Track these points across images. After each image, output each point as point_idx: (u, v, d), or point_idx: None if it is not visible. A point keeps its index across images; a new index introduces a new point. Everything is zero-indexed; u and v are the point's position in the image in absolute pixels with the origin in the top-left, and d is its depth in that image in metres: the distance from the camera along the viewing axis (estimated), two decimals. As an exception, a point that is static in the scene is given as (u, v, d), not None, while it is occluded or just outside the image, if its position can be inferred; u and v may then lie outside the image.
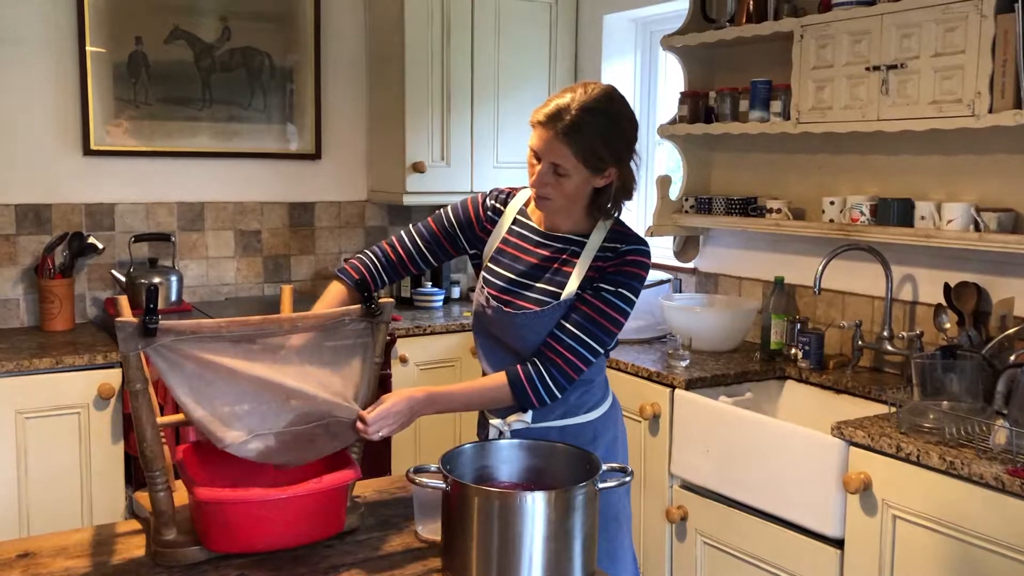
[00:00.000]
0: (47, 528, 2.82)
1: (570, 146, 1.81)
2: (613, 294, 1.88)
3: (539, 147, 1.84)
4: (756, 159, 3.34)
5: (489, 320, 1.97)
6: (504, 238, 2.01)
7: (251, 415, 1.63)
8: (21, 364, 2.88)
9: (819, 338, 2.94)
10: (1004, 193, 2.62)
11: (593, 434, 1.99)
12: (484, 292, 1.98)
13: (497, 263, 1.99)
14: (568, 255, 1.93)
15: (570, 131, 1.80)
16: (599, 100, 1.83)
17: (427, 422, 3.56)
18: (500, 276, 1.97)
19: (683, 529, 2.81)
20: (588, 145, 1.81)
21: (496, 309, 1.93)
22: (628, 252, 1.90)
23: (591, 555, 1.55)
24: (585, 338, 1.87)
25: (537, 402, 1.87)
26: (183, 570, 1.58)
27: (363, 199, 4.07)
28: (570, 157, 1.82)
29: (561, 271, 1.92)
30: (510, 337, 1.93)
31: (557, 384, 1.87)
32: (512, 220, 2.02)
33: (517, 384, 1.86)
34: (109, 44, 3.47)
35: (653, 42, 3.89)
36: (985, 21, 2.36)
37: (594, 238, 1.92)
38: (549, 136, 1.82)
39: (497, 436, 1.91)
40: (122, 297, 1.66)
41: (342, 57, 3.95)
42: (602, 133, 1.82)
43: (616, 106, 1.86)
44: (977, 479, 2.04)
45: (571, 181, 1.84)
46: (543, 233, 1.97)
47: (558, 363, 1.86)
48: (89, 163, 3.50)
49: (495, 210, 2.04)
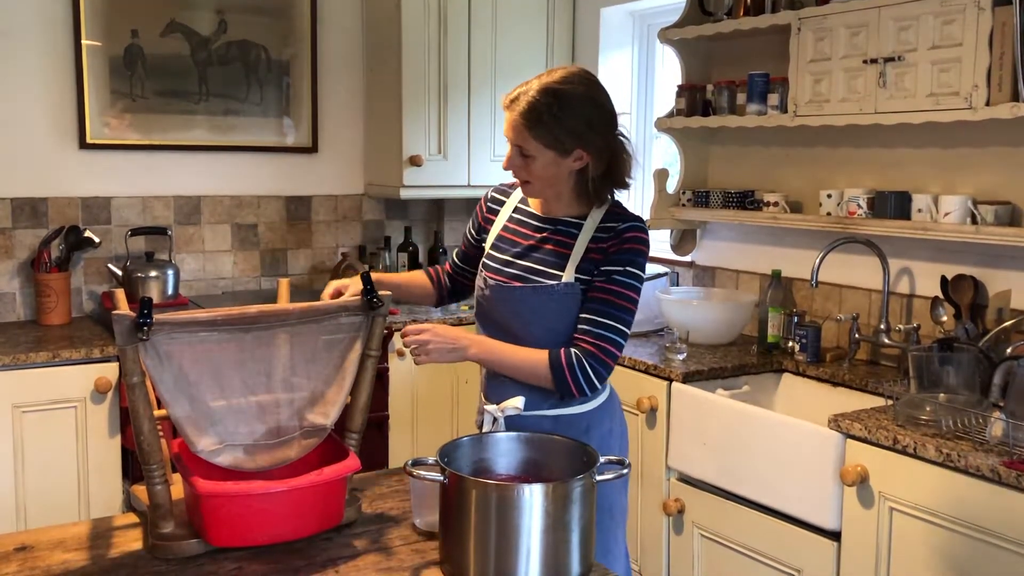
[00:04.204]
0: (44, 522, 2.82)
1: (527, 127, 1.87)
2: (622, 273, 1.91)
3: (505, 130, 1.93)
4: (753, 152, 3.34)
5: (487, 300, 2.01)
6: (504, 225, 2.07)
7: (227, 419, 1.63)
8: (18, 358, 2.87)
9: (816, 331, 2.95)
10: (1001, 186, 2.62)
11: (586, 425, 2.00)
12: (482, 275, 2.04)
13: (497, 248, 2.06)
14: (565, 236, 1.97)
15: (526, 112, 1.87)
16: (559, 81, 1.89)
17: (425, 415, 3.57)
18: (497, 259, 2.04)
19: (680, 522, 2.81)
20: (543, 126, 1.86)
21: (493, 287, 1.99)
22: (626, 230, 1.93)
23: (588, 547, 1.55)
24: (612, 323, 1.90)
25: (576, 390, 1.90)
26: (181, 563, 1.58)
27: (360, 193, 4.07)
28: (529, 139, 1.88)
29: (558, 252, 1.96)
30: (508, 315, 1.97)
31: (598, 375, 1.90)
32: (513, 208, 2.08)
33: (558, 368, 1.89)
34: (105, 37, 3.46)
35: (650, 35, 3.88)
36: (982, 14, 2.36)
37: (590, 220, 1.96)
38: (510, 119, 1.90)
39: (492, 422, 1.93)
40: (119, 291, 1.65)
41: (339, 50, 3.94)
42: (557, 115, 1.86)
43: (576, 87, 1.89)
44: (974, 471, 2.05)
45: (537, 163, 1.90)
46: (540, 217, 2.02)
47: (595, 354, 1.89)
48: (85, 157, 3.49)
49: (496, 200, 2.12)
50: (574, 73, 1.91)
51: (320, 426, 1.71)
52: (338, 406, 1.73)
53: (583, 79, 1.91)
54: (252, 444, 1.66)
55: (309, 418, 1.71)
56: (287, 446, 1.69)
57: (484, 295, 2.02)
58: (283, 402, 1.69)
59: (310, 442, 1.71)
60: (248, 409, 1.65)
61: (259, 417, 1.66)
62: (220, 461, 1.62)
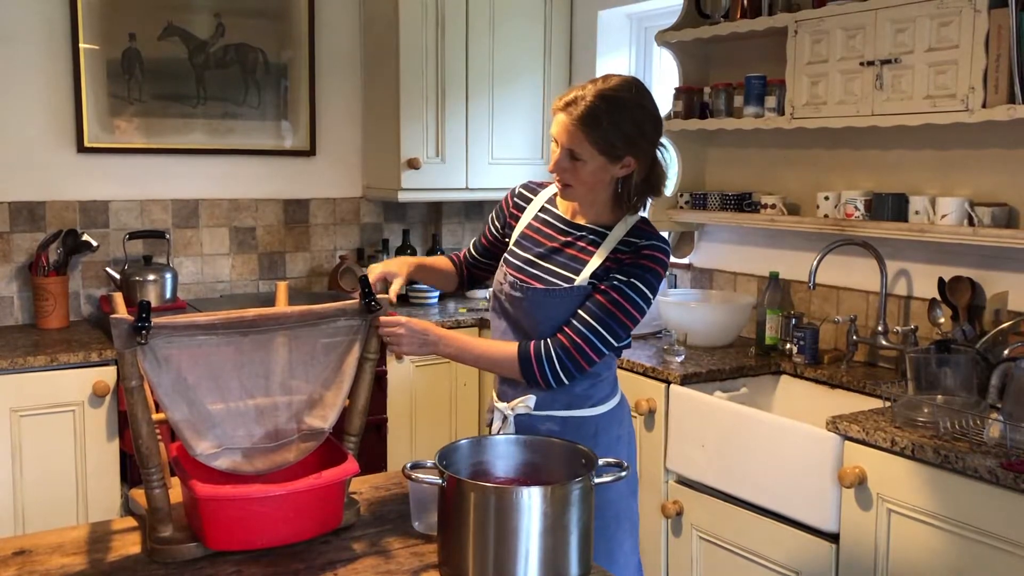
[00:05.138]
0: (43, 526, 2.82)
1: (583, 132, 1.88)
2: (627, 284, 1.91)
3: (557, 133, 1.93)
4: (751, 155, 3.35)
5: (505, 297, 2.03)
6: (529, 223, 2.09)
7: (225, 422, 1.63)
8: (16, 362, 2.87)
9: (814, 333, 2.95)
10: (998, 187, 2.62)
11: (595, 429, 2.00)
12: (503, 270, 2.06)
13: (520, 246, 2.07)
14: (588, 243, 1.98)
15: (584, 117, 1.87)
16: (615, 89, 1.91)
17: (423, 418, 3.57)
18: (519, 257, 2.05)
19: (679, 524, 2.81)
20: (601, 131, 1.87)
21: (512, 284, 2.00)
22: (646, 247, 1.94)
23: (587, 550, 1.55)
24: (598, 327, 1.91)
25: (542, 381, 1.92)
26: (179, 567, 1.58)
27: (358, 196, 4.07)
28: (584, 143, 1.89)
29: (579, 257, 1.97)
30: (522, 315, 1.98)
31: (565, 369, 1.91)
32: (539, 208, 2.10)
33: (525, 359, 1.92)
34: (102, 41, 3.46)
35: (648, 37, 3.89)
36: (979, 16, 2.37)
37: (617, 230, 1.97)
38: (565, 122, 1.90)
39: (502, 420, 1.97)
40: (117, 294, 1.66)
41: (336, 53, 3.95)
42: (615, 120, 1.88)
43: (633, 96, 1.91)
44: (971, 473, 2.05)
45: (587, 167, 1.91)
46: (567, 222, 2.04)
47: (568, 348, 1.91)
48: (83, 160, 3.49)
49: (523, 197, 2.14)
50: (629, 81, 1.93)
51: (318, 429, 1.71)
52: (336, 409, 1.73)
53: (638, 87, 1.94)
54: (250, 447, 1.66)
55: (307, 421, 1.71)
56: (285, 449, 1.69)
57: (501, 289, 2.05)
58: (281, 405, 1.69)
59: (308, 445, 1.71)
60: (246, 412, 1.65)
61: (257, 420, 1.66)
62: (218, 465, 1.62)
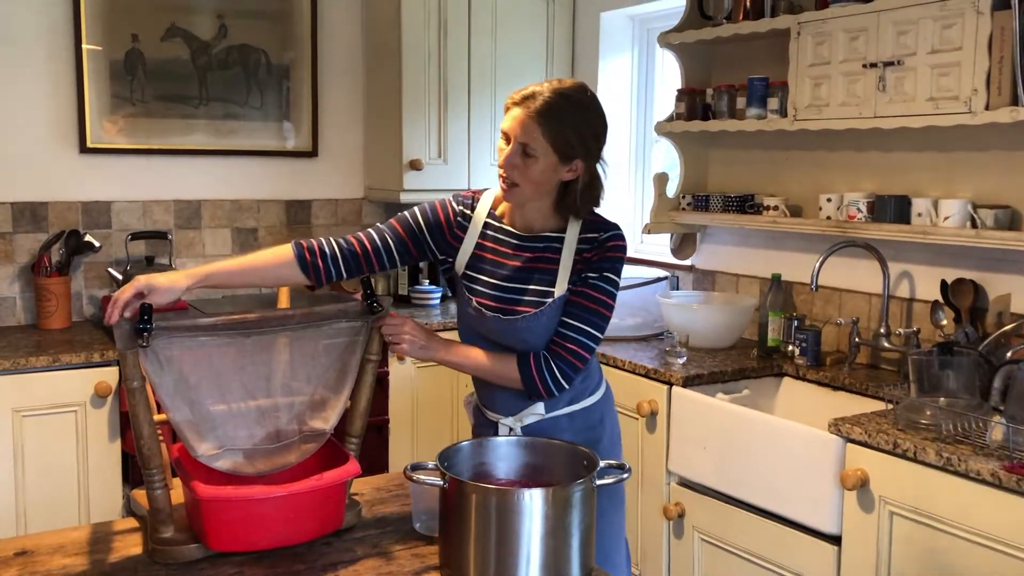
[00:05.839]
0: (44, 526, 2.82)
1: (541, 126, 1.85)
2: (600, 279, 1.94)
3: (511, 127, 1.89)
4: (753, 156, 3.34)
5: (487, 328, 1.98)
6: (479, 243, 2.01)
7: (227, 423, 1.63)
8: (18, 362, 2.87)
9: (816, 335, 2.94)
10: (1001, 190, 2.62)
11: (600, 414, 2.06)
12: (472, 301, 1.98)
13: (478, 271, 2.00)
14: (550, 252, 1.96)
15: (543, 110, 1.85)
16: (573, 89, 1.90)
17: (425, 419, 3.57)
18: (485, 284, 1.98)
19: (680, 526, 2.81)
20: (558, 127, 1.86)
21: (494, 319, 1.95)
22: (608, 239, 1.95)
23: (589, 551, 1.55)
24: (586, 327, 1.93)
25: (545, 392, 1.93)
26: (181, 568, 1.58)
27: (360, 197, 4.07)
28: (540, 138, 1.86)
29: (547, 269, 1.95)
30: (512, 340, 1.95)
31: (565, 376, 1.93)
32: (483, 225, 2.02)
33: (527, 372, 1.91)
34: (105, 42, 3.47)
35: (650, 39, 3.88)
36: (982, 18, 2.36)
37: (570, 232, 1.96)
38: (521, 116, 1.87)
39: (507, 433, 1.97)
40: (119, 295, 1.65)
41: (339, 54, 3.95)
42: (572, 119, 1.87)
43: (589, 100, 1.92)
44: (974, 475, 2.05)
45: (538, 165, 1.87)
46: (520, 236, 1.99)
47: (564, 356, 1.92)
48: (86, 161, 3.50)
49: (463, 215, 2.03)
50: (582, 85, 1.93)
51: (320, 431, 1.71)
52: (338, 410, 1.73)
53: (592, 93, 1.94)
54: (252, 448, 1.66)
55: (309, 423, 1.71)
56: (287, 451, 1.69)
57: (483, 322, 1.97)
58: (283, 406, 1.69)
59: (310, 447, 1.71)
60: (248, 414, 1.66)
61: (259, 421, 1.67)
62: (220, 466, 1.62)
